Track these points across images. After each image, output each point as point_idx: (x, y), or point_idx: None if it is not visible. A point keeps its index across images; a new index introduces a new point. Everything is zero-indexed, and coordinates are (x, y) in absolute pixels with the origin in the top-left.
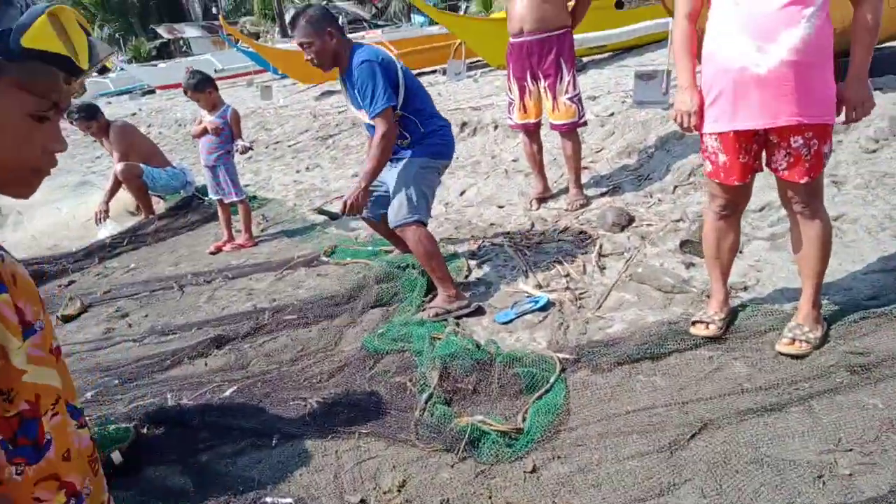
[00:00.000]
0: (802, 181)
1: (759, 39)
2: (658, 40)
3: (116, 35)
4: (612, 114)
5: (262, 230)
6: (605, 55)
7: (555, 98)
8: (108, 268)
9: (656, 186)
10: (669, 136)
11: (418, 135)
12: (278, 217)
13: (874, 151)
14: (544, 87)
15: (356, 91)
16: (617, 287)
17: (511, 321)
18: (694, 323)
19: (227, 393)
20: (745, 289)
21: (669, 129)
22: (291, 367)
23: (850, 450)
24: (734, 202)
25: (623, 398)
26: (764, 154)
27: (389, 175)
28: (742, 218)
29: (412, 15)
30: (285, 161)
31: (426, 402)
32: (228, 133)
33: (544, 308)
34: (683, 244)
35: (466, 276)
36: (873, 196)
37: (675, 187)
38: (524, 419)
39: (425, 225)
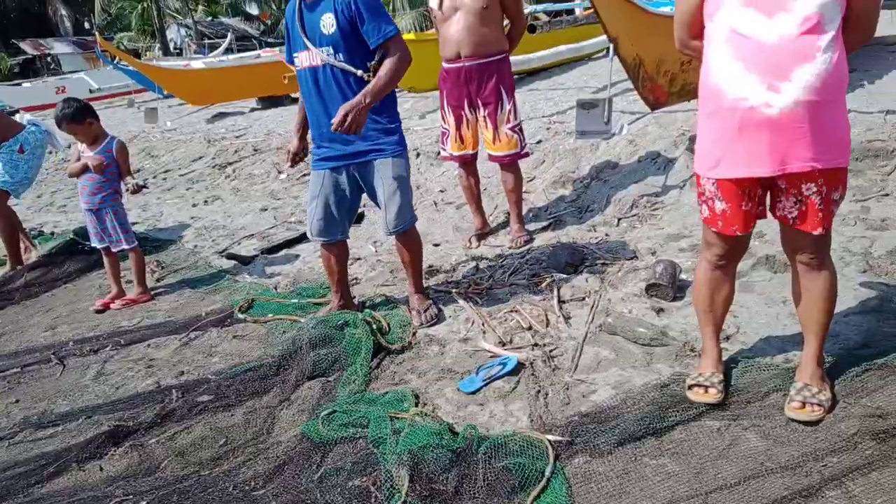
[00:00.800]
0: (815, 232)
1: (770, 77)
2: (568, 62)
3: None
4: (539, 141)
5: (158, 280)
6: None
7: (496, 128)
8: None
9: (598, 219)
10: (603, 166)
11: (394, 114)
12: (176, 263)
13: None
14: (484, 116)
15: (343, 10)
16: (589, 341)
17: (479, 390)
18: (691, 387)
19: None
20: (728, 338)
21: (602, 157)
22: (214, 468)
23: None
24: (732, 252)
25: (635, 491)
26: (767, 199)
27: (367, 181)
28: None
29: None
30: (178, 193)
31: None
32: (115, 170)
33: (514, 371)
34: (649, 288)
35: (414, 333)
36: None
37: (619, 220)
38: None
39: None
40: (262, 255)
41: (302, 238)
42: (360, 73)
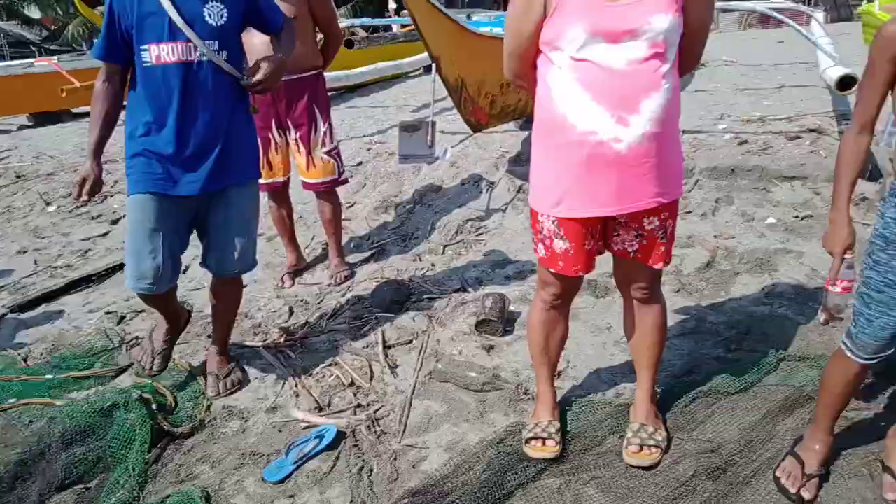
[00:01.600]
0: (657, 266)
1: (620, 108)
2: (387, 79)
3: None
4: (359, 163)
5: None
6: (330, 94)
7: (309, 153)
8: None
9: (424, 247)
10: (426, 189)
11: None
12: None
13: None
14: (295, 139)
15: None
16: (418, 393)
17: (289, 475)
18: (528, 440)
19: None
20: (559, 374)
21: (425, 181)
22: None
23: None
24: (570, 291)
25: None
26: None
27: (215, 209)
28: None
29: (94, 40)
30: None
31: None
32: None
33: (333, 444)
34: (479, 324)
35: (208, 407)
36: None
37: (445, 247)
38: None
39: None
40: (12, 313)
41: (68, 288)
42: (242, 78)
